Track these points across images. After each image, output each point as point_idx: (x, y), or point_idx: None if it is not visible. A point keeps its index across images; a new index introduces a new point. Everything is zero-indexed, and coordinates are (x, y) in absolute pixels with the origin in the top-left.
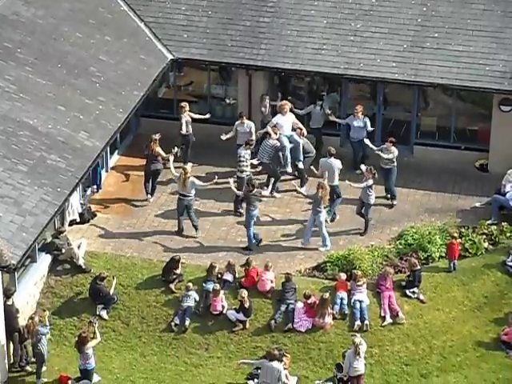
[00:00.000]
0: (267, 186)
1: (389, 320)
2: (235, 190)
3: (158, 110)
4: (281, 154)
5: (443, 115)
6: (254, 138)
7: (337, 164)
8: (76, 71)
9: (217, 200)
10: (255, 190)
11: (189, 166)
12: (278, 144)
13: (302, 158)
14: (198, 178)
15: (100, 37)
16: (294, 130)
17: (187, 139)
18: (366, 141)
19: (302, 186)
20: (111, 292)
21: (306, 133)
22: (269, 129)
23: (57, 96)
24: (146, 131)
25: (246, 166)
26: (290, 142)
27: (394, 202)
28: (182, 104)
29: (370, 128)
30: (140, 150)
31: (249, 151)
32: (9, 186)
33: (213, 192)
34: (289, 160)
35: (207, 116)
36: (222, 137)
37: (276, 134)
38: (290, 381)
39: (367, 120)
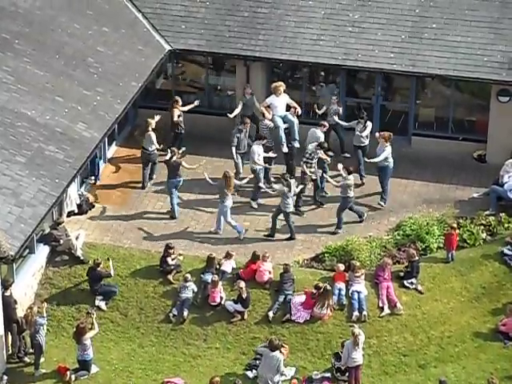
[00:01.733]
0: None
1: (387, 311)
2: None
3: (156, 100)
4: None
5: (441, 106)
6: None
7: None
8: (74, 62)
9: (214, 190)
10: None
11: (156, 118)
12: (272, 124)
13: (297, 137)
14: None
15: (98, 28)
16: (288, 109)
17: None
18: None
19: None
20: (112, 273)
21: (300, 111)
22: (262, 109)
23: (55, 87)
24: (143, 122)
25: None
26: (285, 122)
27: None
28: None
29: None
30: (138, 141)
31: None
32: (7, 177)
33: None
34: (283, 140)
35: (196, 103)
36: (229, 115)
37: (269, 113)
38: (288, 372)
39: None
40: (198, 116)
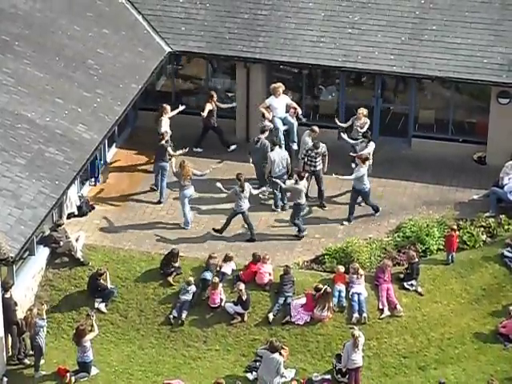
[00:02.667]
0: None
1: (387, 313)
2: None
3: (156, 102)
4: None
5: (441, 108)
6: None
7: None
8: (74, 64)
9: (215, 192)
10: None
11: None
12: (272, 126)
13: (296, 139)
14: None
15: (98, 30)
16: (288, 110)
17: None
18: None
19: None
20: (109, 286)
21: (300, 112)
22: (262, 110)
23: (55, 89)
24: (143, 124)
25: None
26: (284, 124)
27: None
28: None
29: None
30: (138, 143)
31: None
32: (7, 178)
33: (211, 185)
34: (282, 142)
35: (182, 108)
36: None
37: (269, 114)
38: (288, 373)
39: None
40: (197, 118)
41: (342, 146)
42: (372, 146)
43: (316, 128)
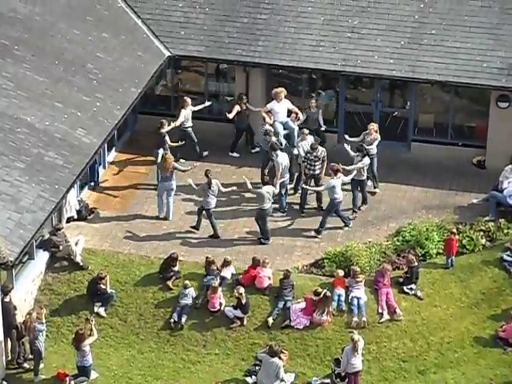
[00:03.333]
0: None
1: (386, 317)
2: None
3: (156, 106)
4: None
5: (441, 112)
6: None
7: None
8: (73, 68)
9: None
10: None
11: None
12: (272, 130)
13: (296, 143)
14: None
15: (97, 34)
16: (289, 115)
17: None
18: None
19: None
20: (108, 290)
21: (301, 117)
22: (263, 114)
23: (54, 93)
24: (143, 128)
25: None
26: (285, 129)
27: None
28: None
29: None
30: (137, 147)
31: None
32: (6, 183)
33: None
34: (283, 146)
35: (208, 103)
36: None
37: (270, 119)
38: (287, 377)
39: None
40: (197, 122)
41: (342, 150)
42: (366, 160)
43: (305, 130)
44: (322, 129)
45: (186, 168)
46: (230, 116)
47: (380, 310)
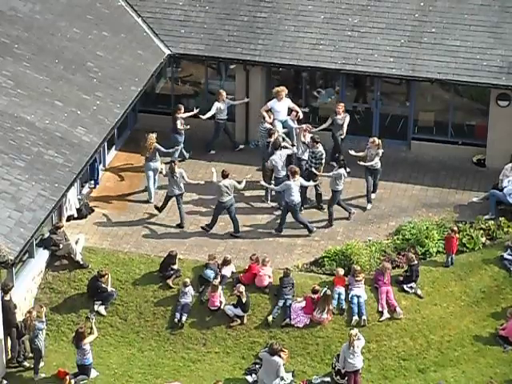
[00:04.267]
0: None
1: (386, 315)
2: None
3: (156, 105)
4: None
5: (441, 110)
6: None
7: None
8: (73, 67)
9: (213, 195)
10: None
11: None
12: (272, 128)
13: (295, 143)
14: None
15: (97, 32)
16: (290, 113)
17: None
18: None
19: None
20: (109, 288)
21: (301, 116)
22: (263, 113)
23: (54, 91)
24: (143, 126)
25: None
26: (284, 127)
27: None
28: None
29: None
30: (137, 145)
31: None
32: (6, 181)
33: (211, 187)
34: (284, 142)
35: (196, 111)
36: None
37: (270, 117)
38: (287, 376)
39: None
40: (197, 121)
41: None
42: (341, 171)
43: (304, 126)
44: (342, 137)
45: (167, 150)
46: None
47: (380, 309)
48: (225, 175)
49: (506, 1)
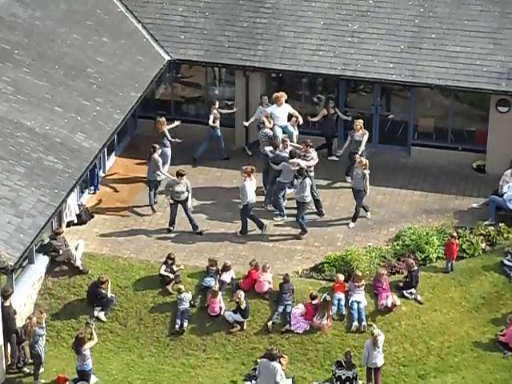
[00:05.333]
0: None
1: (388, 304)
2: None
3: (156, 111)
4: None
5: (440, 116)
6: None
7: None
8: (73, 72)
9: (214, 200)
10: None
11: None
12: (271, 133)
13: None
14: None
15: (97, 38)
16: (290, 119)
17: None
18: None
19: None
20: (109, 295)
21: (301, 121)
22: (263, 118)
23: (54, 97)
24: (143, 132)
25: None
26: (284, 133)
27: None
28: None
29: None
30: (137, 151)
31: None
32: (6, 187)
33: (211, 192)
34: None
35: (177, 123)
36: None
37: (270, 123)
38: (286, 382)
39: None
40: (197, 126)
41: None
42: (307, 181)
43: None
44: (359, 153)
45: (173, 140)
46: (315, 119)
47: (381, 302)
48: (181, 174)
49: (505, 7)
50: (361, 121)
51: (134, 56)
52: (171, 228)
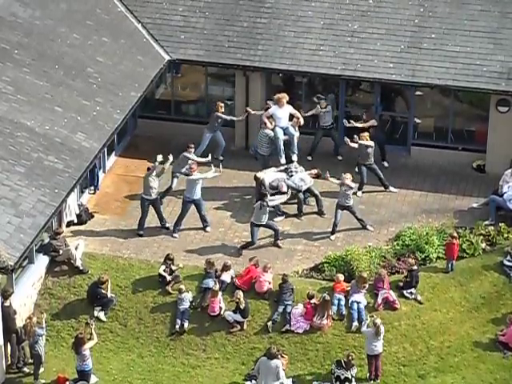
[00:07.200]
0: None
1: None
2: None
3: (156, 111)
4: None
5: (440, 116)
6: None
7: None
8: (73, 72)
9: (214, 200)
10: None
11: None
12: (272, 134)
13: (296, 150)
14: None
15: (97, 38)
16: (291, 119)
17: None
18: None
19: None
20: (109, 295)
21: (302, 122)
22: (264, 119)
23: (54, 97)
24: (142, 132)
25: None
26: (285, 134)
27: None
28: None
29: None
30: (137, 151)
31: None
32: (6, 187)
33: (212, 192)
34: (282, 151)
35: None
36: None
37: (271, 124)
38: (287, 382)
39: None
40: (196, 126)
41: (341, 153)
42: (282, 198)
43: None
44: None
45: (230, 117)
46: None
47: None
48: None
49: (505, 6)
50: (366, 134)
51: (133, 56)
52: (167, 225)
